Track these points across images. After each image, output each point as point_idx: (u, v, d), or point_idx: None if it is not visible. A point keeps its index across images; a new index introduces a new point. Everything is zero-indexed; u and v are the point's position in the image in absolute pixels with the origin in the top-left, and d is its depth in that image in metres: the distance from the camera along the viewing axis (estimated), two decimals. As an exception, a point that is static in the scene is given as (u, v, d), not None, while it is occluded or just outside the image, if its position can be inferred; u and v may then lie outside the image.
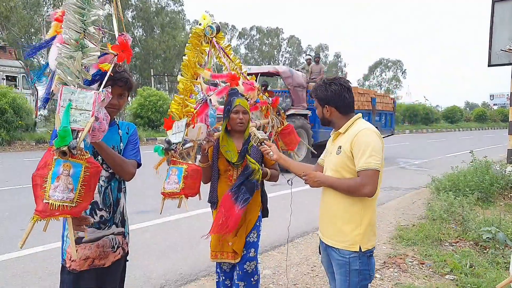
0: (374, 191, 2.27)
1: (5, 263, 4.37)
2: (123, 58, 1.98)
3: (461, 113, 49.59)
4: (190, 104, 2.90)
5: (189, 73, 2.98)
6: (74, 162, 1.68)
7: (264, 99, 3.42)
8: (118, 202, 2.30)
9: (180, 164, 2.64)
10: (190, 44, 3.03)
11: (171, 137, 2.76)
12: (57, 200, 1.65)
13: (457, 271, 4.24)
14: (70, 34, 1.75)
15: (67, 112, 1.69)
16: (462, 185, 7.51)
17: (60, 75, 1.74)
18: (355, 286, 2.37)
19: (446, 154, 17.01)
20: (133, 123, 2.50)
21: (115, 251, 2.28)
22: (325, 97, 2.45)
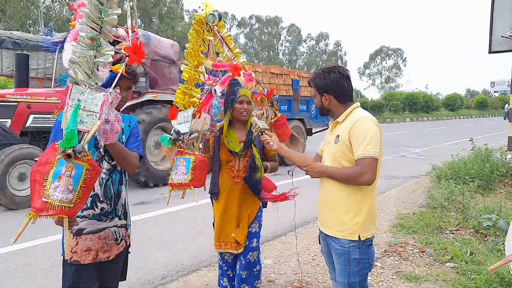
0: (373, 179, 2.26)
1: (6, 256, 4.39)
2: (135, 60, 1.98)
3: (461, 100, 49.53)
4: (195, 94, 2.89)
5: (193, 62, 2.96)
6: (76, 164, 1.67)
7: (260, 90, 3.41)
8: (119, 195, 2.30)
9: (187, 155, 2.64)
10: (193, 30, 3.00)
11: (177, 127, 2.75)
12: (56, 200, 1.64)
13: (458, 259, 4.26)
14: (87, 32, 1.73)
15: (75, 113, 1.67)
16: (462, 173, 7.52)
17: (72, 75, 1.72)
18: (354, 275, 2.38)
19: (447, 142, 17.02)
20: (134, 116, 2.48)
21: (119, 244, 2.28)
22: (324, 85, 2.43)
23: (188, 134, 2.67)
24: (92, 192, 2.17)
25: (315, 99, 2.58)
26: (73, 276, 2.14)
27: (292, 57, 77.75)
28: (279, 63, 72.47)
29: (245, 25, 71.01)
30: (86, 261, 2.13)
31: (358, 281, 2.40)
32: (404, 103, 40.20)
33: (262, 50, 72.41)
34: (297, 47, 77.80)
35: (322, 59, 76.72)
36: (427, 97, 42.55)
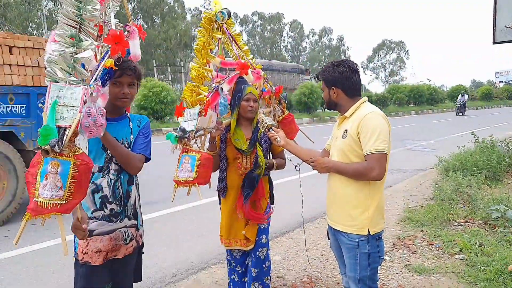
0: (382, 174, 2.26)
1: (18, 258, 4.43)
2: (117, 50, 1.93)
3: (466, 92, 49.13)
4: (203, 92, 2.90)
5: (202, 60, 2.97)
6: (62, 160, 1.65)
7: (268, 88, 3.42)
8: (128, 195, 2.30)
9: (193, 152, 2.65)
10: (202, 28, 3.01)
11: (183, 124, 2.76)
12: (46, 198, 1.62)
13: (467, 251, 4.26)
14: (64, 30, 1.69)
15: (52, 109, 1.64)
16: (469, 164, 7.50)
17: (49, 73, 1.68)
18: (365, 269, 2.39)
19: (452, 134, 16.94)
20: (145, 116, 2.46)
21: (127, 244, 2.29)
22: (333, 79, 2.42)
23: (194, 132, 2.68)
24: (100, 193, 2.20)
25: (323, 92, 2.57)
26: (85, 276, 2.16)
27: (295, 53, 77.59)
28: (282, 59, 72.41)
29: (247, 23, 70.95)
30: (97, 263, 2.14)
31: (369, 275, 2.41)
32: (409, 96, 39.98)
33: (264, 46, 72.32)
34: (300, 43, 77.63)
35: (325, 54, 76.53)
36: (432, 89, 42.28)
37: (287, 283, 3.76)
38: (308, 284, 3.71)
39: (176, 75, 46.79)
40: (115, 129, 2.20)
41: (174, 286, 3.76)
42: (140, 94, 20.99)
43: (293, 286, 3.70)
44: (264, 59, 68.40)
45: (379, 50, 79.61)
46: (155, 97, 20.15)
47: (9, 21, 36.83)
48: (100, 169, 2.20)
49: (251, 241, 3.00)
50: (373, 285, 2.45)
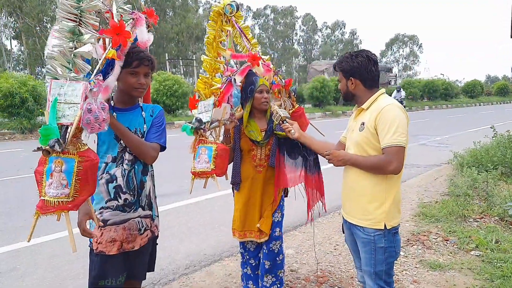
0: (400, 168, 2.22)
1: (34, 248, 4.49)
2: (118, 42, 1.90)
3: (481, 87, 48.43)
4: (216, 83, 2.89)
5: (213, 52, 2.96)
6: (65, 158, 1.64)
7: (278, 81, 3.39)
8: (142, 185, 2.29)
9: (209, 143, 2.64)
10: (211, 21, 3.00)
11: (198, 116, 2.75)
12: (52, 197, 1.63)
13: (483, 247, 4.20)
14: (63, 24, 1.67)
15: (53, 108, 1.63)
16: (485, 160, 7.38)
17: (49, 70, 1.67)
18: (381, 264, 2.36)
19: (467, 129, 16.71)
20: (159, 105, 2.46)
21: (142, 234, 2.29)
22: (351, 69, 2.38)
23: (209, 123, 2.67)
24: (114, 183, 2.20)
25: (340, 83, 2.52)
26: (99, 266, 2.17)
27: (307, 47, 77.18)
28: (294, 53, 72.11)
29: (260, 16, 70.75)
30: (111, 252, 2.15)
31: (385, 270, 2.38)
32: (423, 91, 39.53)
33: (276, 40, 72.05)
34: (313, 36, 77.18)
35: (337, 48, 76.02)
36: (446, 84, 41.73)
37: (300, 276, 3.74)
38: (322, 278, 3.69)
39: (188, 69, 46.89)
40: (128, 119, 2.20)
41: (187, 278, 3.77)
42: (151, 87, 21.05)
43: (306, 279, 3.68)
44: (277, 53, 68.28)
45: (392, 45, 78.81)
46: (167, 91, 20.17)
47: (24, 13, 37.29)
48: (114, 159, 2.20)
49: (264, 233, 2.99)
50: (389, 279, 2.42)
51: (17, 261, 4.15)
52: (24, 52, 43.38)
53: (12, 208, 5.97)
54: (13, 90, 14.80)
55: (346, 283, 3.61)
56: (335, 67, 2.51)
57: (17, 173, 8.45)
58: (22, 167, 9.08)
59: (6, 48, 43.48)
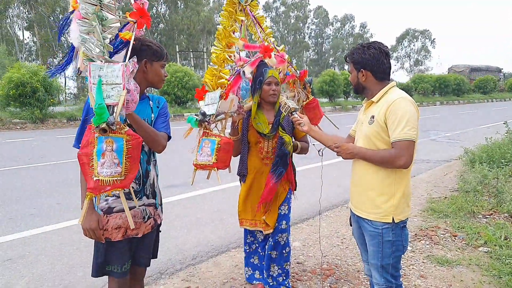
0: (409, 162, 2.19)
1: (43, 235, 4.55)
2: (143, 24, 1.96)
3: (494, 83, 47.76)
4: (224, 75, 2.88)
5: (223, 42, 2.95)
6: (115, 137, 1.73)
7: (292, 72, 3.36)
8: (147, 174, 2.32)
9: (213, 136, 2.64)
10: (225, 11, 2.99)
11: (204, 108, 2.75)
12: (107, 176, 1.72)
13: (491, 243, 4.17)
14: (86, 8, 1.72)
15: (99, 89, 1.69)
16: (497, 156, 7.29)
17: (86, 52, 1.72)
18: (388, 257, 2.35)
19: (479, 125, 16.53)
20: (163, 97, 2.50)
21: (146, 222, 2.31)
22: (362, 61, 2.34)
23: (214, 116, 2.67)
24: None
25: (350, 75, 2.49)
26: (105, 252, 2.20)
27: (318, 40, 76.69)
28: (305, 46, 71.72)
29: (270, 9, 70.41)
30: (117, 238, 2.17)
31: (392, 263, 2.37)
32: (434, 86, 39.12)
33: (288, 33, 71.70)
34: (324, 30, 76.65)
35: (348, 42, 75.46)
36: (459, 80, 41.23)
37: (306, 269, 3.75)
38: (328, 270, 3.69)
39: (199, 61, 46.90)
40: (138, 109, 2.22)
41: (194, 268, 3.79)
42: (162, 79, 21.13)
43: (312, 272, 3.68)
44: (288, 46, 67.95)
45: (403, 39, 77.91)
46: (178, 82, 20.24)
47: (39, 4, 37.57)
48: None
49: (270, 226, 3.00)
50: (396, 273, 2.41)
51: (27, 248, 4.21)
52: (36, 42, 43.71)
53: (23, 196, 6.05)
54: (25, 80, 14.95)
55: (352, 276, 3.61)
56: (346, 58, 2.48)
57: (29, 162, 8.56)
58: (33, 156, 9.20)
59: (19, 39, 43.86)
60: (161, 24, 49.86)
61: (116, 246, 2.20)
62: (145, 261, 2.44)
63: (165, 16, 49.18)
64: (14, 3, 39.75)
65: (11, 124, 15.40)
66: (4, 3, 38.69)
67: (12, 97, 15.28)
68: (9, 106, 16.11)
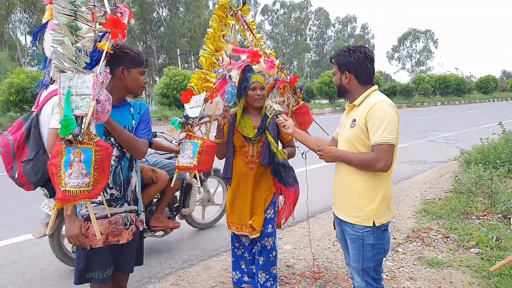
0: (388, 166, 2.20)
1: (35, 241, 4.50)
2: (117, 34, 1.96)
3: (495, 83, 47.66)
4: (210, 78, 2.90)
5: (212, 46, 2.96)
6: (83, 148, 1.73)
7: (283, 77, 3.37)
8: (129, 181, 2.32)
9: (196, 139, 2.65)
10: (215, 15, 3.00)
11: (189, 111, 2.76)
12: (74, 186, 1.72)
13: (483, 245, 4.16)
14: (60, 19, 1.72)
15: (67, 100, 1.70)
16: (492, 157, 7.27)
17: (56, 63, 1.73)
18: (369, 260, 2.35)
19: (478, 125, 16.49)
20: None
21: (128, 228, 2.32)
22: (347, 63, 2.35)
23: (198, 119, 2.68)
24: None
25: (334, 77, 2.49)
26: (86, 259, 2.20)
27: (319, 42, 76.78)
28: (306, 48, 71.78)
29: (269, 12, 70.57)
30: (98, 245, 2.18)
31: (373, 267, 2.37)
32: (435, 87, 39.05)
33: (289, 34, 71.80)
34: (325, 31, 76.75)
35: (349, 43, 75.51)
36: (460, 80, 41.15)
37: (296, 272, 3.75)
38: (317, 273, 3.69)
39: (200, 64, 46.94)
40: (118, 116, 2.23)
41: (184, 272, 3.80)
42: (162, 82, 21.25)
43: (301, 275, 3.68)
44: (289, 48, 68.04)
45: (405, 40, 77.89)
46: (177, 86, 20.30)
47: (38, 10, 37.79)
48: None
49: (256, 230, 3.01)
50: (377, 276, 2.41)
51: (19, 254, 4.23)
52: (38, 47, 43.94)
53: (16, 202, 6.06)
54: (25, 85, 15.01)
55: (341, 279, 3.60)
56: (332, 60, 2.47)
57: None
58: (31, 161, 9.21)
59: (21, 44, 44.09)
60: (162, 28, 50.02)
61: (97, 252, 2.21)
62: (127, 267, 2.45)
63: (166, 20, 49.32)
64: (17, 8, 39.99)
65: (11, 129, 15.45)
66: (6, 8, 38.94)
67: (13, 103, 15.34)
68: (9, 111, 16.17)
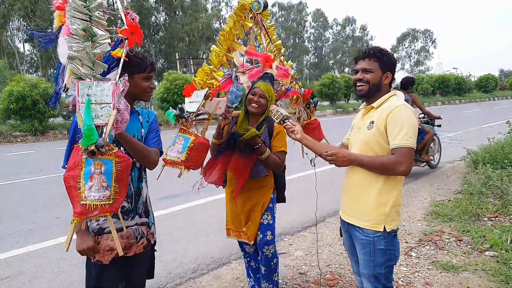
0: (409, 170, 2.16)
1: (41, 251, 4.48)
2: (134, 41, 1.90)
3: (495, 81, 47.64)
4: (217, 76, 2.82)
5: (225, 45, 2.89)
6: (104, 159, 1.65)
7: (296, 88, 3.31)
8: (139, 192, 2.24)
9: (188, 134, 2.57)
10: (234, 14, 2.93)
11: (188, 104, 2.68)
12: (95, 200, 1.64)
13: (497, 247, 4.08)
14: (77, 24, 1.65)
15: (87, 108, 1.62)
16: (500, 157, 7.18)
17: (74, 70, 1.65)
18: (380, 266, 2.28)
19: (481, 125, 16.42)
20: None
21: (138, 241, 2.23)
22: (391, 64, 2.32)
23: (194, 114, 2.60)
24: None
25: (370, 73, 2.33)
26: (97, 276, 2.11)
27: (318, 44, 76.86)
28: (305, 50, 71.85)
29: (268, 14, 70.80)
30: (108, 260, 2.09)
31: (384, 273, 2.30)
32: (435, 87, 39.00)
33: (288, 37, 71.86)
34: (323, 33, 76.83)
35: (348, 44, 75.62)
36: (459, 79, 41.11)
37: (309, 280, 3.66)
38: (331, 281, 3.61)
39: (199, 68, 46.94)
40: (127, 125, 2.15)
41: (194, 282, 3.72)
42: (162, 87, 21.20)
43: (315, 283, 3.60)
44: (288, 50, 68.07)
45: (403, 40, 77.98)
46: (177, 90, 20.26)
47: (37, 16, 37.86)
48: None
49: (251, 238, 2.93)
50: (388, 284, 2.34)
51: (25, 265, 4.14)
52: (36, 54, 43.92)
53: (22, 211, 6.00)
54: (25, 93, 14.96)
55: (356, 286, 3.52)
56: (368, 55, 2.33)
57: (28, 176, 8.52)
58: (33, 169, 9.16)
59: (19, 51, 44.05)
60: (160, 32, 50.03)
61: (108, 269, 2.12)
62: (139, 282, 2.36)
63: (165, 25, 49.35)
64: (14, 16, 39.99)
65: (11, 137, 15.40)
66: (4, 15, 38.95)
67: (13, 111, 15.30)
68: (10, 119, 16.13)
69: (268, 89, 2.83)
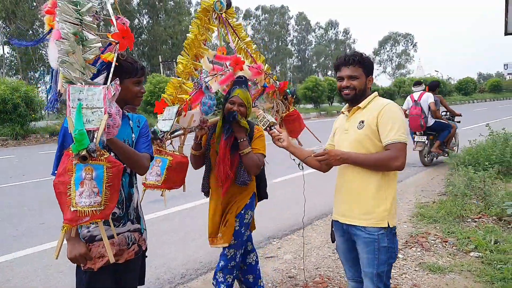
0: (404, 164, 2.23)
1: (27, 258, 4.39)
2: (126, 45, 1.89)
3: (474, 84, 48.55)
4: (187, 88, 2.78)
5: (191, 53, 2.84)
6: (95, 165, 1.63)
7: (272, 83, 3.29)
8: (130, 198, 2.21)
9: (165, 155, 2.55)
10: (197, 19, 2.88)
11: (161, 123, 2.65)
12: (86, 206, 1.61)
13: (482, 248, 4.16)
14: (67, 28, 1.63)
15: (79, 113, 1.60)
16: (482, 159, 7.34)
17: (65, 74, 1.63)
18: (383, 264, 2.31)
19: (461, 127, 16.68)
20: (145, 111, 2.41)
21: (129, 248, 2.19)
22: (371, 67, 2.43)
23: (169, 133, 2.58)
24: None
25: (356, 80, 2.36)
26: (87, 284, 2.07)
27: (301, 47, 77.27)
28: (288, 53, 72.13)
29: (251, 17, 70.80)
30: (98, 267, 2.04)
31: (386, 271, 2.33)
32: (416, 89, 39.58)
33: (270, 40, 72.07)
34: (306, 36, 77.30)
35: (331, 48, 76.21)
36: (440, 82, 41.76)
37: (298, 283, 3.68)
38: (321, 284, 3.63)
39: (183, 71, 46.67)
40: None
41: (183, 287, 3.69)
42: (146, 90, 20.99)
43: (304, 286, 3.62)
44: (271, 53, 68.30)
45: (385, 43, 78.99)
46: (162, 93, 20.09)
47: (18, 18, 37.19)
48: None
49: (227, 243, 2.84)
50: (388, 282, 2.38)
51: (11, 273, 4.06)
52: (16, 57, 43.10)
53: (4, 217, 5.87)
54: (5, 96, 14.66)
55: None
56: (353, 62, 2.35)
57: (10, 181, 8.34)
58: (14, 174, 8.98)
59: (-2, 54, 43.20)
60: (143, 35, 49.69)
61: (99, 277, 2.07)
62: None
63: (148, 28, 49.04)
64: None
65: (-9, 142, 15.08)
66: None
67: (-6, 114, 14.98)
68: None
69: (247, 97, 2.78)
